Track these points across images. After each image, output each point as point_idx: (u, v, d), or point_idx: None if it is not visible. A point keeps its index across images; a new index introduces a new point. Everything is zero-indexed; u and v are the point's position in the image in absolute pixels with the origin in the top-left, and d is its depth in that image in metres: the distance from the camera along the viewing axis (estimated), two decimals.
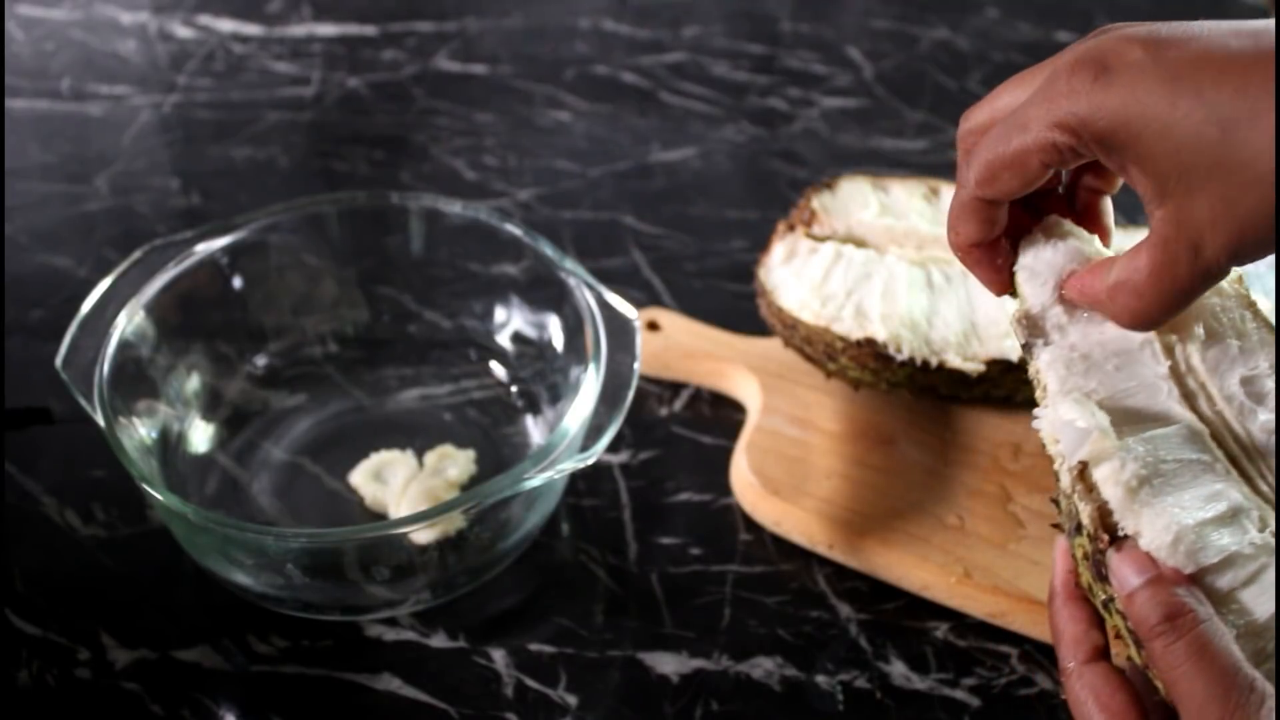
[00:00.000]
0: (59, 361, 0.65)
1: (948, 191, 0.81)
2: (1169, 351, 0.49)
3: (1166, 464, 0.46)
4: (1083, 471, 0.46)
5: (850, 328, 0.71)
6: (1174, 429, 0.47)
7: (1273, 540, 0.44)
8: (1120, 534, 0.45)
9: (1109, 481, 0.45)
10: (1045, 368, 0.49)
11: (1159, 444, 0.46)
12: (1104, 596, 0.46)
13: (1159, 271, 0.44)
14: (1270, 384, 0.48)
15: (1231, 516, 0.45)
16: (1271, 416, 0.47)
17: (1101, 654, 0.47)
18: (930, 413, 0.76)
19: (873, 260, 0.75)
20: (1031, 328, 0.50)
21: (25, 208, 0.96)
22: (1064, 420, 0.47)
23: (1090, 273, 0.49)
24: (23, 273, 0.89)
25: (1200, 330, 0.49)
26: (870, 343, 0.71)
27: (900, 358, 0.70)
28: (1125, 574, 0.44)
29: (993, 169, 0.47)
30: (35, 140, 1.04)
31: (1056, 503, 0.49)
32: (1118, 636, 0.47)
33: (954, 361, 0.71)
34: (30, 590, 0.68)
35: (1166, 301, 0.45)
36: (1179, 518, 0.44)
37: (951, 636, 0.67)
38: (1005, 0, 1.27)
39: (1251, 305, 0.50)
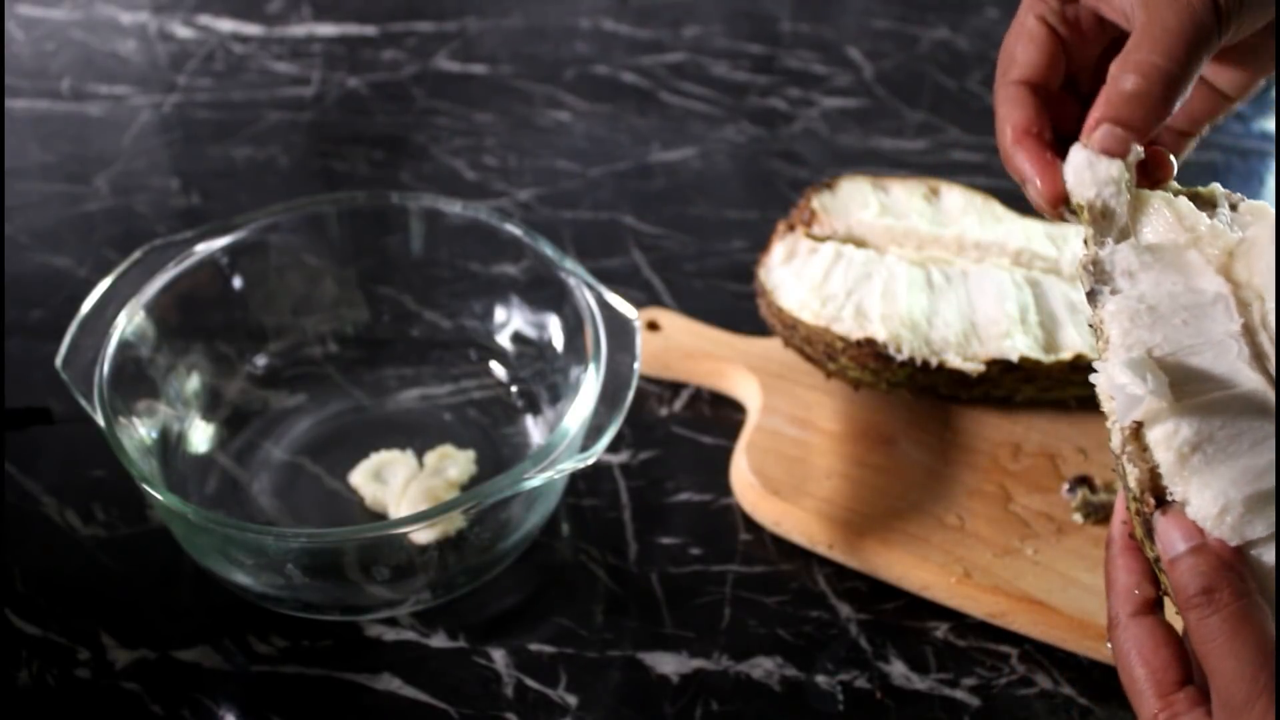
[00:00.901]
0: (59, 361, 0.65)
1: (948, 192, 0.81)
2: (1244, 309, 0.46)
3: (1223, 431, 0.43)
4: (1136, 432, 0.44)
5: (850, 328, 0.71)
6: (1237, 393, 0.44)
7: None
8: (1169, 499, 0.44)
9: (1161, 445, 0.44)
10: (1109, 318, 0.46)
11: (1218, 409, 0.44)
12: (1154, 554, 0.45)
13: (1149, 22, 0.47)
14: None
15: None
16: None
17: (1151, 608, 0.46)
18: (930, 413, 0.76)
19: (873, 260, 0.75)
20: (1099, 274, 0.48)
21: (25, 208, 0.96)
22: (1118, 383, 0.44)
23: (1099, 95, 0.49)
24: (23, 273, 0.89)
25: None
26: (870, 343, 0.71)
27: (900, 358, 0.70)
28: (1170, 539, 0.43)
29: (1009, 52, 0.53)
30: (35, 140, 1.04)
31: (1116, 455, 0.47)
32: (1166, 594, 0.46)
33: (954, 361, 0.71)
34: (30, 590, 0.68)
35: (1167, 46, 0.46)
36: (1228, 489, 0.43)
37: (951, 636, 0.67)
38: (1005, 0, 1.27)
39: None
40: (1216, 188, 0.50)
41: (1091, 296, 0.48)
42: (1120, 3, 0.49)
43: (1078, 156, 0.49)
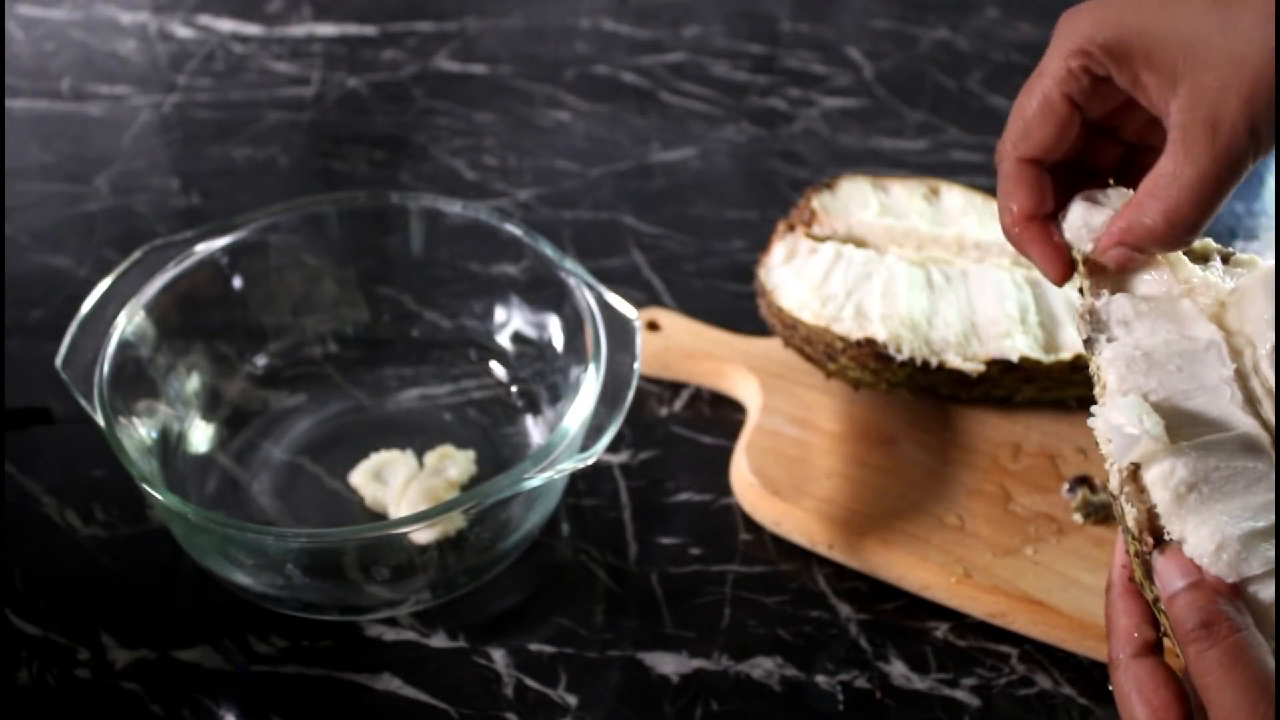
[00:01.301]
0: (59, 361, 0.65)
1: (948, 191, 0.81)
2: (1236, 355, 0.48)
3: (1219, 471, 0.45)
4: (1134, 473, 0.46)
5: (850, 328, 0.71)
6: (1231, 435, 0.46)
7: None
8: (1166, 538, 0.45)
9: (1158, 485, 0.45)
10: (1106, 364, 0.48)
11: (1213, 450, 0.45)
12: (1153, 595, 0.46)
13: (1182, 158, 0.45)
14: None
15: None
16: None
17: (1152, 649, 0.47)
18: (930, 413, 0.76)
19: (873, 260, 0.75)
20: (1095, 323, 0.50)
21: (25, 208, 0.96)
22: (1115, 424, 0.46)
23: (1118, 214, 0.49)
24: (23, 273, 0.89)
25: (1271, 334, 0.47)
26: (870, 343, 0.71)
27: (900, 358, 0.70)
28: (1168, 576, 0.44)
29: (1024, 121, 0.50)
30: (35, 140, 1.04)
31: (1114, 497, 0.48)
32: (1167, 635, 0.47)
33: (954, 361, 0.71)
34: (30, 590, 0.68)
35: (1197, 191, 0.45)
36: (1224, 526, 0.44)
37: (951, 636, 0.67)
38: (1005, 0, 1.27)
39: None
40: (1209, 242, 0.51)
41: (1089, 344, 0.50)
42: (1157, 98, 0.47)
43: (1076, 211, 0.51)
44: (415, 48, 1.18)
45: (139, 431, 0.68)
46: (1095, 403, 0.49)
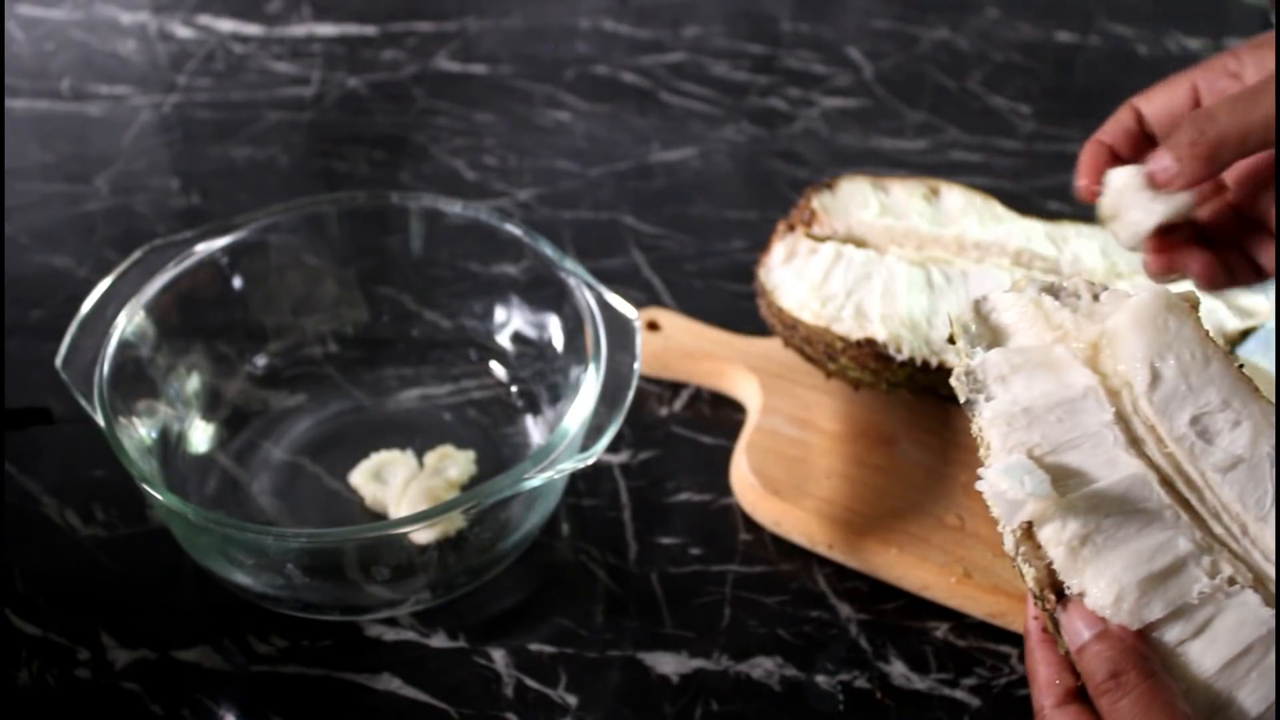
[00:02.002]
0: (59, 361, 0.65)
1: (948, 191, 0.81)
2: (1114, 397, 0.48)
3: (1110, 519, 0.45)
4: (1027, 531, 0.46)
5: (850, 328, 0.71)
6: (1119, 479, 0.46)
7: (1225, 585, 0.44)
8: (1067, 592, 0.45)
9: (1052, 542, 0.45)
10: (987, 425, 0.48)
11: (1102, 498, 0.46)
12: (1064, 648, 0.46)
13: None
14: (1222, 419, 0.47)
15: (1179, 567, 0.44)
16: (1224, 454, 0.46)
17: (1074, 696, 0.47)
18: (930, 413, 0.76)
19: (873, 260, 0.75)
20: (973, 384, 0.49)
21: (25, 208, 0.96)
22: (999, 490, 0.46)
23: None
24: (23, 273, 0.89)
25: (1145, 371, 0.48)
26: (870, 343, 0.71)
27: (900, 358, 0.70)
28: (1075, 630, 0.45)
29: (1161, 84, 0.59)
30: (35, 140, 1.04)
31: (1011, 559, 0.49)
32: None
33: (954, 361, 0.71)
34: (30, 590, 0.68)
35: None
36: (1121, 575, 0.44)
37: (951, 636, 0.67)
38: (1005, 0, 1.27)
39: (1204, 335, 0.49)
40: (1080, 279, 0.52)
41: (969, 406, 0.49)
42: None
43: (1115, 176, 0.54)
44: (415, 48, 1.18)
45: (139, 431, 0.68)
46: None
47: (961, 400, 0.49)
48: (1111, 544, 0.45)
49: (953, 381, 0.50)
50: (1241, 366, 0.48)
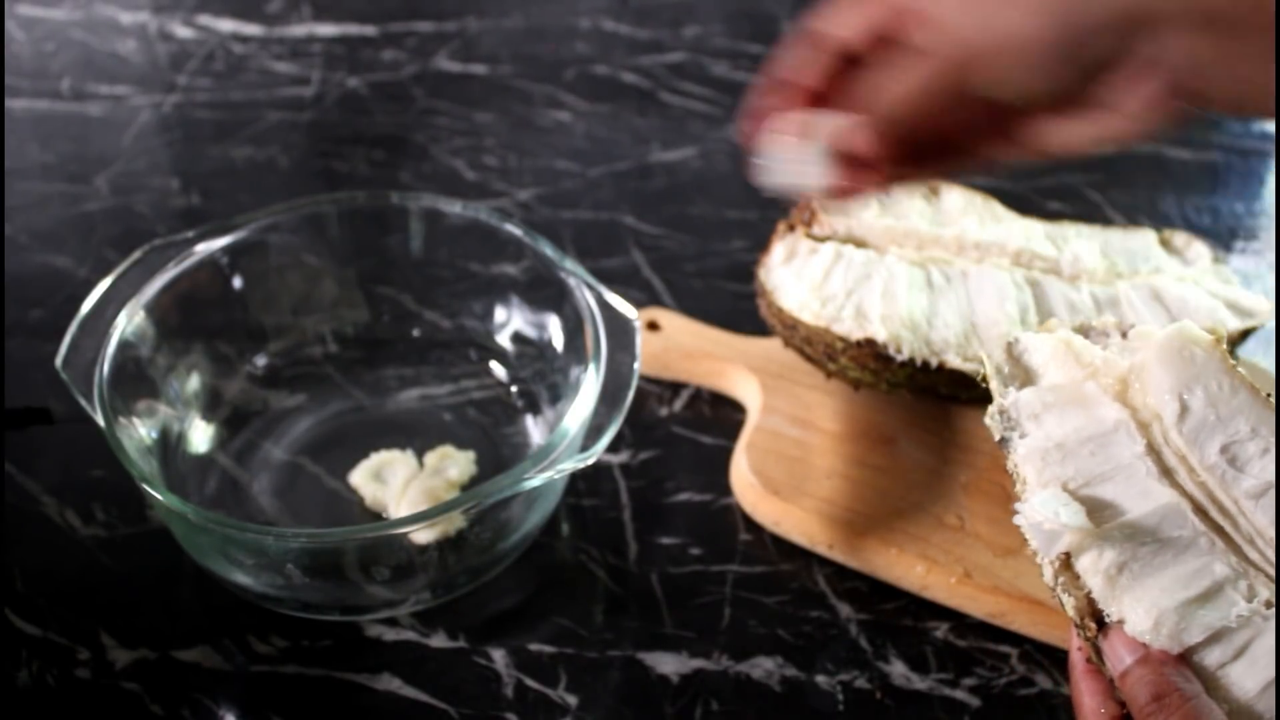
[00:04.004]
0: (59, 361, 0.65)
1: (948, 192, 0.81)
2: (1144, 429, 0.49)
3: (1146, 547, 0.46)
4: (1065, 563, 0.47)
5: (850, 328, 0.71)
6: (1153, 508, 0.47)
7: (1262, 609, 0.45)
8: (1107, 619, 0.46)
9: (1090, 571, 0.46)
10: (1022, 462, 0.50)
11: (1137, 527, 0.47)
12: (1108, 676, 0.47)
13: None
14: (1252, 447, 0.48)
15: (1215, 592, 0.45)
16: (1256, 481, 0.47)
17: None
18: (930, 413, 0.76)
19: (873, 260, 0.75)
20: (1006, 422, 0.51)
21: (25, 208, 0.96)
22: (1034, 522, 0.47)
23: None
24: (23, 273, 0.89)
25: (1174, 403, 0.49)
26: (870, 343, 0.71)
27: (900, 358, 0.70)
28: (1117, 656, 0.46)
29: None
30: (35, 140, 1.04)
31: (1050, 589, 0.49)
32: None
33: (954, 362, 0.71)
34: (30, 590, 0.68)
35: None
36: (1159, 601, 0.45)
37: (951, 636, 0.67)
38: None
39: (1231, 367, 0.49)
40: (1107, 319, 0.53)
41: (1003, 443, 0.51)
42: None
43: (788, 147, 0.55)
44: (415, 48, 1.18)
45: (139, 431, 0.68)
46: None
47: (996, 439, 0.51)
48: (1148, 571, 0.46)
49: (987, 420, 0.51)
50: (1270, 396, 0.49)
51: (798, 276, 0.75)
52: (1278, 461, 0.47)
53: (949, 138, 0.55)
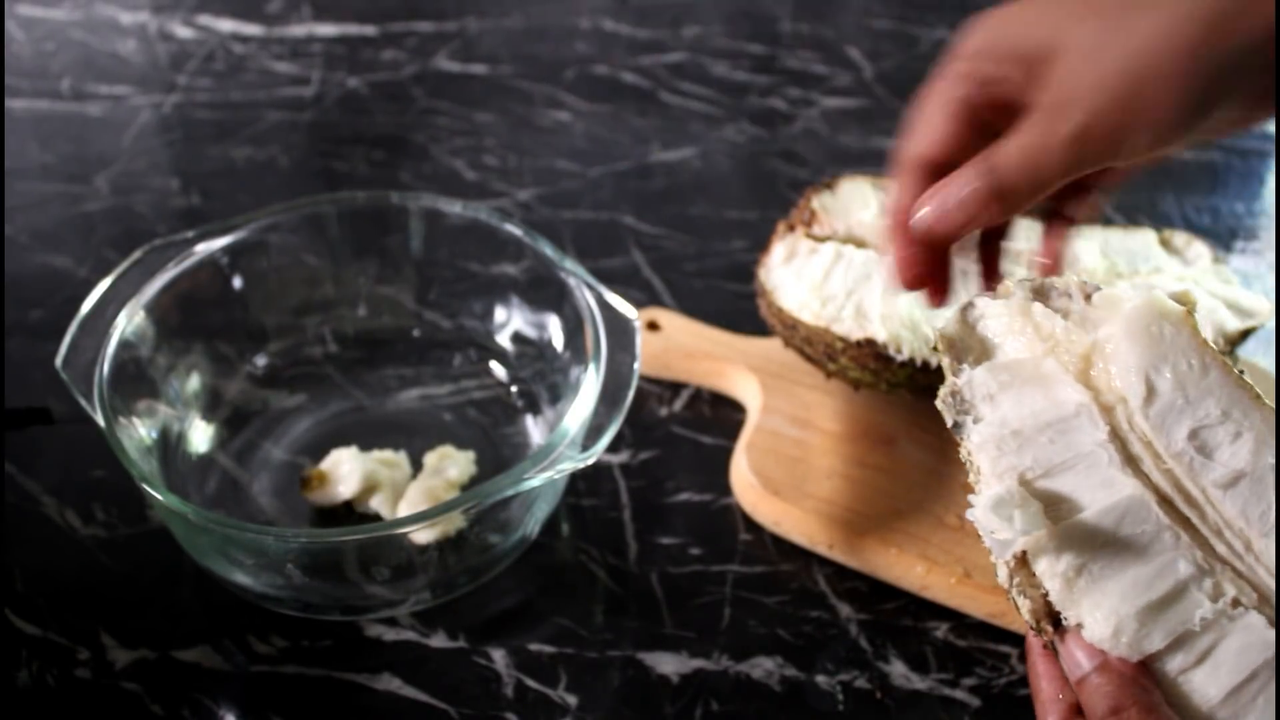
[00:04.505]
0: (59, 361, 0.65)
1: None
2: (1108, 412, 0.46)
3: (1106, 546, 0.43)
4: (1022, 561, 0.44)
5: (850, 328, 0.71)
6: (1115, 501, 0.44)
7: (1228, 609, 0.43)
8: (1064, 623, 0.44)
9: (1047, 574, 0.43)
10: (976, 450, 0.46)
11: (1098, 524, 0.44)
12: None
13: (1021, 131, 0.47)
14: (1222, 432, 0.44)
15: (1179, 594, 0.43)
16: (1225, 469, 0.44)
17: (1077, 711, 0.46)
18: (930, 413, 0.75)
19: (873, 260, 0.75)
20: (959, 405, 0.47)
21: (25, 208, 0.96)
22: (987, 529, 0.44)
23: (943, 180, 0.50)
24: (23, 273, 0.89)
25: (1140, 385, 0.45)
26: (870, 343, 0.71)
27: (900, 358, 0.70)
28: (1075, 660, 0.44)
29: (921, 121, 0.53)
30: (35, 140, 1.04)
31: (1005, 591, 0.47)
32: None
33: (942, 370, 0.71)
34: (30, 590, 0.68)
35: (1027, 157, 0.47)
36: (1119, 607, 0.42)
37: (951, 636, 0.67)
38: (1005, 1, 1.26)
39: (1202, 343, 0.46)
40: (1070, 279, 0.49)
41: (957, 429, 0.47)
42: (1029, 97, 0.49)
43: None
44: (415, 48, 1.18)
45: (139, 431, 0.68)
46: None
47: (949, 423, 0.47)
48: (1108, 573, 0.43)
49: (938, 404, 0.47)
50: (1242, 372, 0.46)
51: (798, 276, 0.75)
52: (1277, 478, 0.44)
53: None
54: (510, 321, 0.80)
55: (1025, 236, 0.78)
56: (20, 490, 0.73)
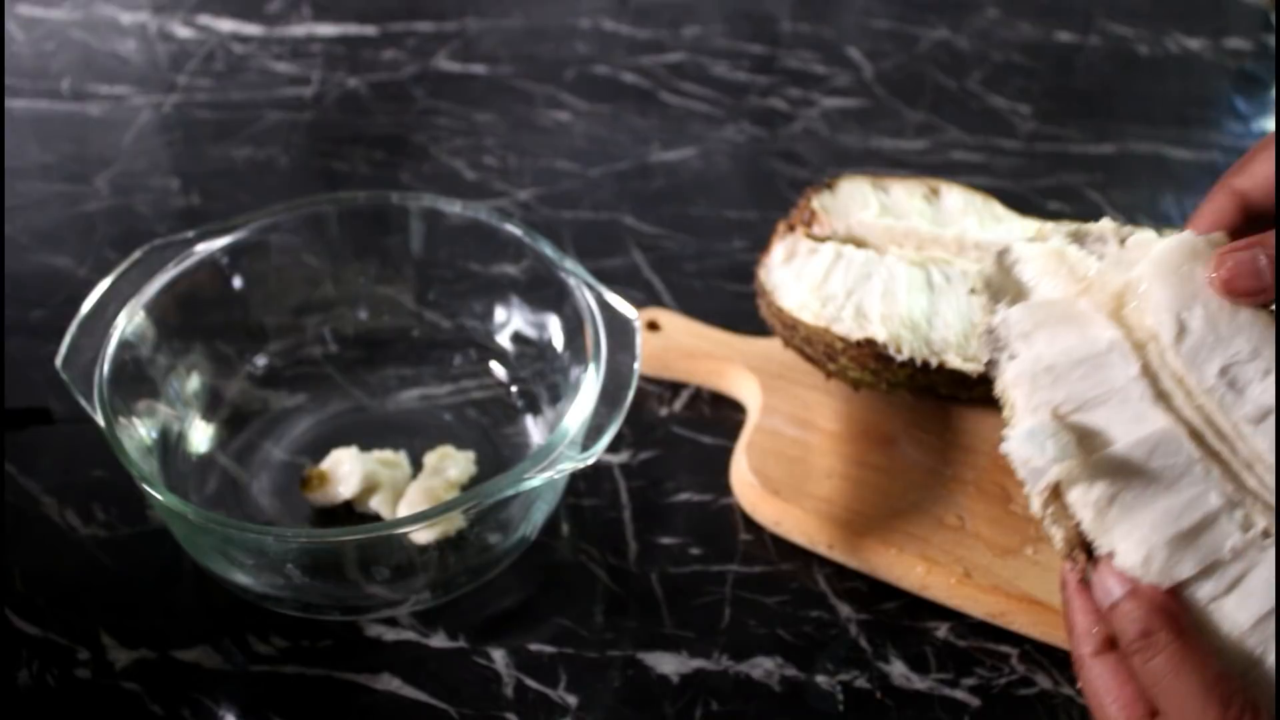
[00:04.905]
0: (59, 361, 0.65)
1: (948, 191, 0.81)
2: (1140, 349, 0.47)
3: (1138, 477, 0.44)
4: (1055, 492, 0.45)
5: (850, 328, 0.71)
6: (1147, 434, 0.45)
7: (1259, 539, 0.43)
8: (1096, 552, 0.45)
9: (1079, 504, 0.45)
10: (1010, 385, 0.47)
11: (1130, 456, 0.45)
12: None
13: None
14: (1252, 369, 0.45)
15: (1209, 523, 0.43)
16: (1255, 405, 0.45)
17: (1111, 644, 0.46)
18: (930, 413, 0.76)
19: (873, 260, 0.75)
20: (994, 342, 0.48)
21: (25, 208, 0.96)
22: (1022, 457, 0.45)
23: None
24: (23, 273, 0.89)
25: (1172, 323, 0.46)
26: (870, 343, 0.71)
27: (900, 358, 0.70)
28: (1106, 588, 0.45)
29: (1249, 155, 0.50)
30: (35, 140, 1.04)
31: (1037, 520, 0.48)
32: None
33: (954, 362, 0.71)
34: (30, 590, 0.68)
35: None
36: (1150, 535, 0.43)
37: (951, 636, 0.67)
38: (1005, 0, 1.27)
39: None
40: (1106, 223, 0.50)
41: (991, 365, 0.48)
42: None
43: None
44: (415, 48, 1.18)
45: (139, 431, 0.68)
46: None
47: (984, 360, 0.48)
48: (1140, 503, 0.44)
49: (975, 340, 0.49)
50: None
51: (798, 276, 0.75)
52: (1278, 385, 0.45)
53: None
54: (510, 321, 0.80)
55: (1025, 235, 0.78)
56: (20, 490, 0.73)
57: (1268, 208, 0.50)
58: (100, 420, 0.63)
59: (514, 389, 0.79)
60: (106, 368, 0.65)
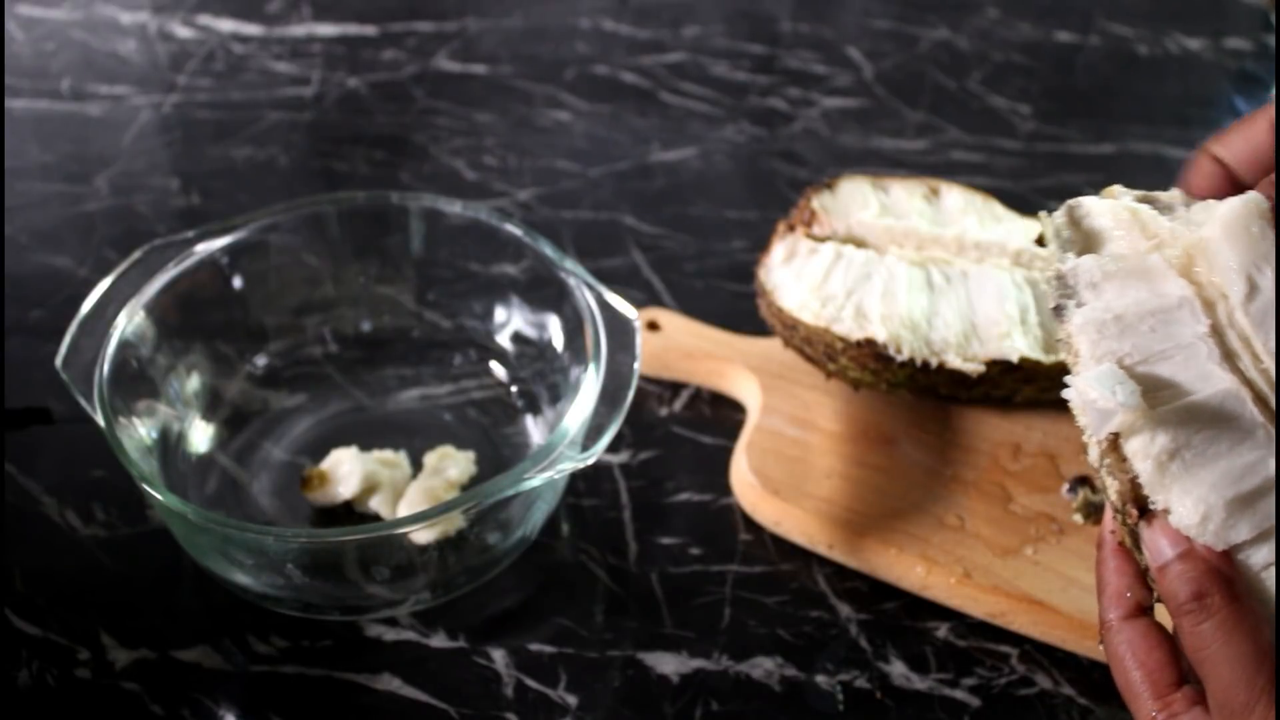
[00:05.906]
0: (59, 361, 0.65)
1: (948, 191, 0.81)
2: (1209, 308, 0.46)
3: (1200, 435, 0.43)
4: (1113, 443, 0.44)
5: (850, 328, 0.71)
6: (1211, 394, 0.44)
7: None
8: (1151, 507, 0.43)
9: (1139, 455, 0.43)
10: (1077, 331, 0.46)
11: (1193, 413, 0.44)
12: (1144, 564, 0.45)
13: None
14: None
15: (1268, 489, 0.42)
16: None
17: (1143, 610, 0.46)
18: (930, 413, 0.76)
19: (873, 260, 0.75)
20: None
21: (25, 208, 0.96)
22: (1089, 398, 0.44)
23: None
24: (23, 273, 0.89)
25: (1242, 282, 0.45)
26: (870, 343, 0.71)
27: (900, 358, 0.70)
28: (1158, 547, 0.43)
29: (1235, 125, 0.50)
30: (35, 140, 1.04)
31: (1094, 469, 0.47)
32: (1160, 600, 0.45)
33: (954, 362, 0.71)
34: (30, 590, 0.68)
35: None
36: (1208, 495, 0.42)
37: (951, 636, 0.67)
38: (1005, 0, 1.27)
39: None
40: (1175, 192, 0.50)
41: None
42: None
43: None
44: (415, 48, 1.18)
45: (139, 431, 0.68)
46: None
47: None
48: (1201, 461, 0.43)
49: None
50: None
51: (798, 276, 0.75)
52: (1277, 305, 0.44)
53: None
54: (510, 321, 0.80)
55: (1025, 235, 0.78)
56: (20, 490, 0.73)
57: (1243, 172, 0.51)
58: (100, 420, 0.63)
59: (514, 389, 0.79)
60: (106, 368, 0.65)
